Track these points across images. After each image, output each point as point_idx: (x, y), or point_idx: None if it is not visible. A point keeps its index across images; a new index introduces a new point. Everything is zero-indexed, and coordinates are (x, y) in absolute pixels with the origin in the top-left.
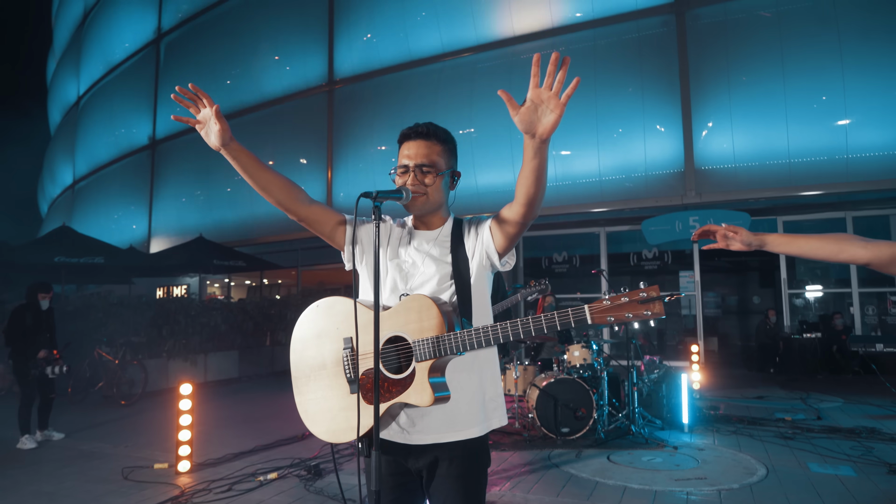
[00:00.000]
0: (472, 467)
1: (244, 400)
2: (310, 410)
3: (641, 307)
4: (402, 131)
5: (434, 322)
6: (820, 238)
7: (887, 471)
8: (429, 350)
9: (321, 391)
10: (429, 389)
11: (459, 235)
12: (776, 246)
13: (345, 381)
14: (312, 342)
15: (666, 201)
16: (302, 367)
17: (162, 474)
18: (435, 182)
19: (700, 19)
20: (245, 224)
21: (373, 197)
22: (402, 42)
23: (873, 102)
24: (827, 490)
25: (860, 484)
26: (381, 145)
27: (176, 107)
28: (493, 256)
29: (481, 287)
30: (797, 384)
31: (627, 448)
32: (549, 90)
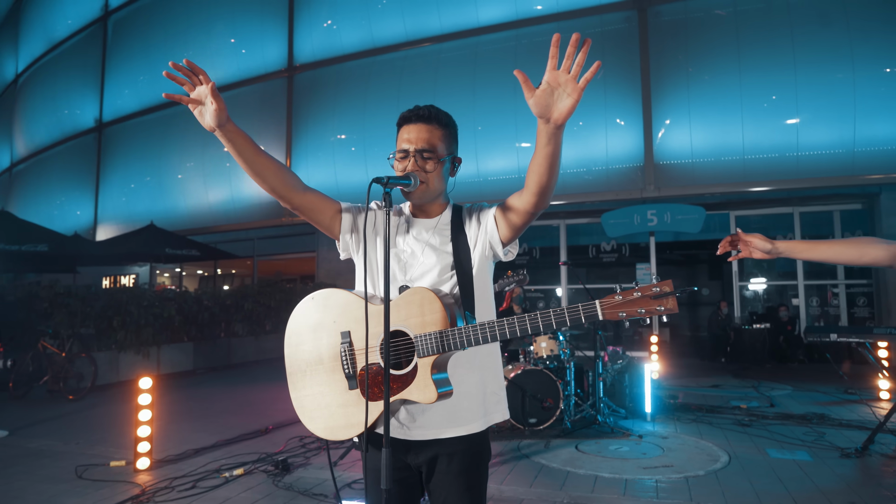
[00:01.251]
0: (472, 462)
1: (201, 394)
2: (306, 407)
3: (654, 302)
4: (402, 114)
5: (437, 316)
6: (841, 243)
7: (840, 455)
8: (432, 345)
9: (318, 387)
10: (432, 386)
11: (459, 223)
12: (797, 253)
13: (343, 376)
14: (308, 335)
15: (626, 195)
16: (297, 361)
17: (119, 472)
18: (436, 169)
19: (661, 16)
20: (198, 212)
21: (384, 183)
22: (364, 29)
23: (822, 102)
24: (787, 475)
25: (817, 468)
26: (341, 133)
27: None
28: (497, 246)
29: (483, 277)
30: (748, 373)
31: (594, 437)
32: (568, 73)
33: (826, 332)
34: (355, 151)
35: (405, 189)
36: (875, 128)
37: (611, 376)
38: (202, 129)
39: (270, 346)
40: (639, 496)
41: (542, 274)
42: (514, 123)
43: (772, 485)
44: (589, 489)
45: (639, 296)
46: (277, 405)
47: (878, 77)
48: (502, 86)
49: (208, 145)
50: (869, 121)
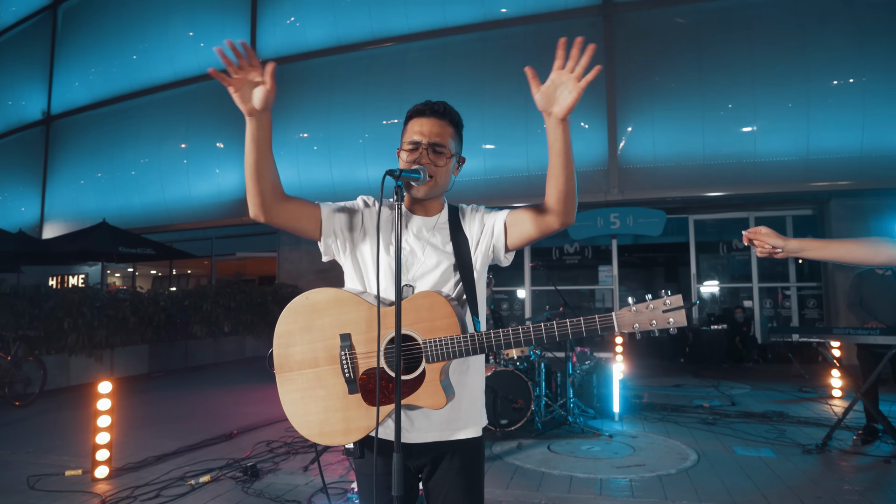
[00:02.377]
0: (472, 462)
1: (159, 398)
2: (297, 411)
3: (665, 316)
4: (415, 107)
5: (448, 322)
6: (854, 243)
7: (802, 451)
8: (442, 351)
9: (311, 390)
10: (442, 392)
11: (457, 222)
12: (809, 251)
13: (342, 380)
14: (301, 336)
15: (591, 197)
16: (288, 363)
17: (76, 482)
18: (446, 164)
19: (626, 23)
20: (153, 210)
21: (396, 176)
22: (330, 26)
23: (779, 111)
24: (754, 471)
25: (781, 464)
26: (305, 132)
27: (74, 80)
28: (500, 252)
29: (482, 279)
30: (707, 372)
31: (566, 438)
32: (571, 72)
33: (788, 333)
34: (318, 150)
35: (413, 182)
36: (827, 137)
37: (579, 377)
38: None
39: (230, 348)
40: (615, 496)
41: (504, 275)
42: (480, 124)
43: (741, 482)
44: (565, 489)
45: (651, 309)
46: (241, 409)
47: (830, 88)
48: (469, 87)
49: (164, 141)
50: (821, 130)
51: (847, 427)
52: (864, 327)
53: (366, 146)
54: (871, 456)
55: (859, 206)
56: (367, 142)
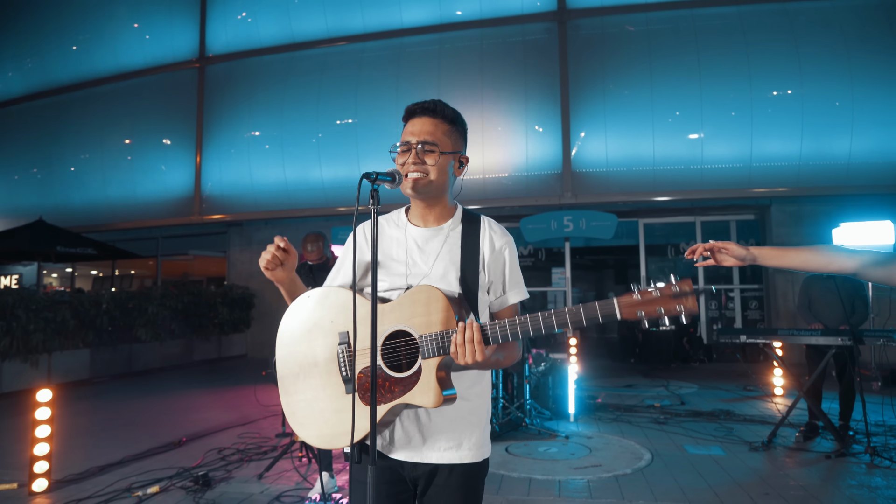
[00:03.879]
0: (472, 478)
1: (101, 404)
2: (298, 413)
3: (674, 302)
4: (408, 107)
5: (443, 315)
6: (809, 251)
7: (748, 448)
8: (437, 346)
9: (312, 391)
10: (436, 389)
11: (474, 234)
12: (767, 259)
13: (339, 380)
14: (303, 337)
15: (545, 201)
16: (290, 364)
17: (10, 497)
18: (437, 162)
19: (580, 30)
20: (95, 208)
21: (372, 179)
22: (283, 23)
23: (723, 119)
24: (705, 469)
25: (730, 461)
26: (257, 130)
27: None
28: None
29: (484, 289)
30: (657, 373)
31: (523, 439)
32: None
33: (736, 334)
34: (271, 149)
35: (387, 186)
36: (768, 145)
37: (535, 378)
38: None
39: (177, 351)
40: (573, 497)
41: None
42: None
43: (694, 480)
44: (524, 492)
45: (657, 295)
46: (189, 415)
47: (770, 98)
48: (425, 88)
49: (107, 136)
50: (763, 138)
51: (790, 424)
52: (809, 328)
53: (320, 146)
54: (814, 452)
55: (797, 213)
56: (320, 141)
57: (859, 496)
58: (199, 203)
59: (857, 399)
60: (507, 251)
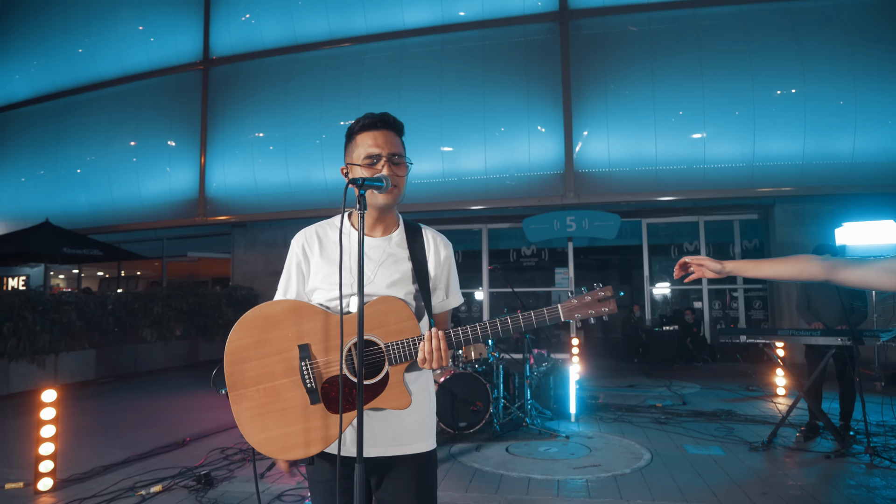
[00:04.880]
0: (423, 469)
1: (106, 405)
2: (255, 429)
3: (600, 305)
4: (362, 121)
5: (408, 325)
6: (783, 262)
7: (748, 448)
8: (403, 353)
9: (269, 405)
10: (407, 393)
11: (419, 242)
12: (745, 271)
13: (302, 391)
14: (255, 351)
15: (547, 201)
16: (243, 379)
17: (16, 496)
18: (405, 174)
19: (582, 30)
20: (101, 209)
21: (359, 185)
22: (286, 25)
23: (726, 118)
24: (704, 469)
25: (730, 461)
26: (261, 131)
27: (14, 73)
28: None
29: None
30: (660, 373)
31: (523, 439)
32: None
33: (737, 334)
34: (275, 150)
35: (377, 191)
36: (771, 144)
37: (537, 378)
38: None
39: (182, 352)
40: (571, 496)
41: (463, 277)
42: (438, 126)
43: (692, 479)
44: (523, 491)
45: (589, 300)
46: (193, 415)
47: (773, 97)
48: (428, 89)
49: (113, 138)
50: (766, 138)
51: (790, 424)
52: (809, 328)
53: (323, 147)
54: (814, 452)
55: (801, 212)
56: (324, 142)
57: (857, 496)
58: (204, 204)
59: (858, 399)
60: (451, 260)
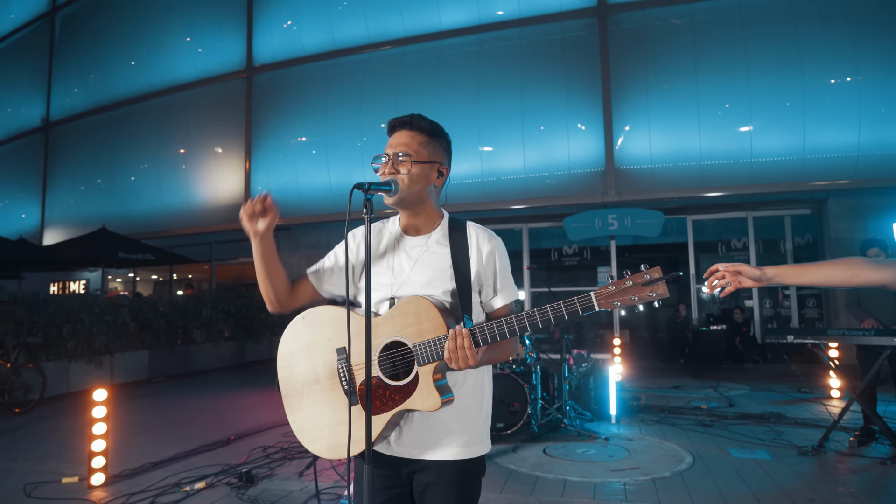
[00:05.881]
0: (466, 475)
1: (158, 403)
2: (306, 428)
3: (646, 289)
4: (389, 122)
5: (434, 323)
6: (831, 265)
7: (797, 453)
8: (431, 353)
9: (317, 407)
10: (435, 393)
11: (463, 241)
12: (786, 278)
13: (342, 393)
14: (302, 356)
15: (587, 199)
16: (293, 383)
17: (72, 489)
18: (410, 171)
19: (621, 24)
20: (152, 215)
21: (365, 189)
22: (326, 31)
23: (774, 111)
24: (748, 474)
25: (776, 466)
26: (302, 136)
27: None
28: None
29: (476, 298)
30: (707, 374)
31: (561, 441)
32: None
33: (784, 334)
34: (316, 154)
35: (386, 195)
36: (823, 136)
37: (576, 379)
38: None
39: (229, 352)
40: (608, 499)
41: None
42: (476, 127)
43: (735, 484)
44: (559, 493)
45: (630, 284)
46: (239, 414)
47: (825, 87)
48: (465, 89)
49: (163, 147)
50: (818, 129)
51: (844, 428)
52: (861, 328)
53: (363, 149)
54: (868, 458)
55: (857, 206)
56: (365, 145)
57: None
58: None
59: None
60: (497, 255)
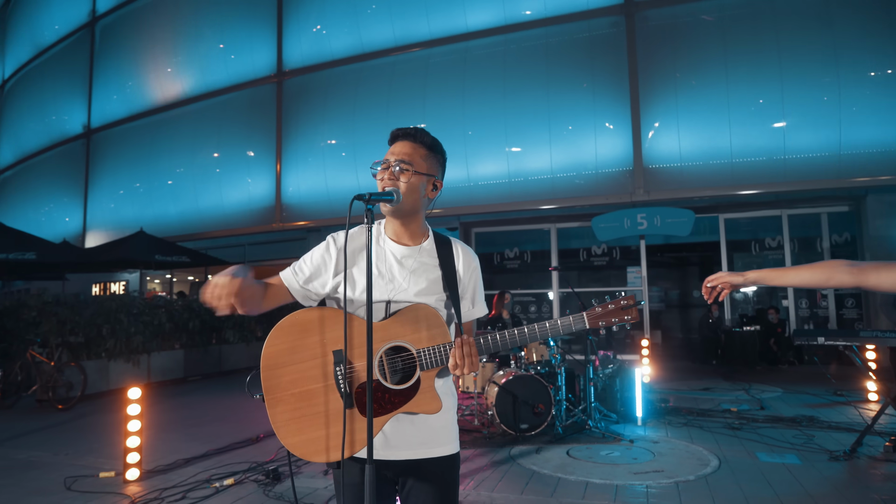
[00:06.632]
0: (446, 477)
1: (192, 401)
2: (292, 431)
3: (623, 312)
4: (392, 132)
5: (439, 331)
6: (809, 269)
7: (828, 457)
8: (435, 358)
9: (306, 408)
10: (438, 398)
11: (448, 253)
12: (769, 280)
13: (337, 395)
14: (290, 357)
15: (616, 199)
16: (279, 383)
17: (108, 483)
18: (410, 182)
19: (648, 21)
20: (188, 218)
21: (365, 199)
22: (353, 34)
23: (808, 106)
24: (776, 478)
25: (805, 471)
26: (331, 139)
27: (112, 94)
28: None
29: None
30: (739, 375)
31: (585, 443)
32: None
33: (814, 336)
34: (346, 157)
35: (389, 204)
36: (860, 131)
37: (602, 381)
38: (191, 135)
39: (261, 352)
40: (629, 501)
41: (534, 278)
42: (503, 127)
43: (761, 489)
44: (580, 495)
45: (612, 308)
46: None
47: (862, 81)
48: (492, 90)
49: (198, 151)
50: (854, 124)
51: (879, 433)
52: (894, 329)
53: None
54: None
55: None
56: None
57: None
58: (280, 211)
59: None
60: (478, 272)
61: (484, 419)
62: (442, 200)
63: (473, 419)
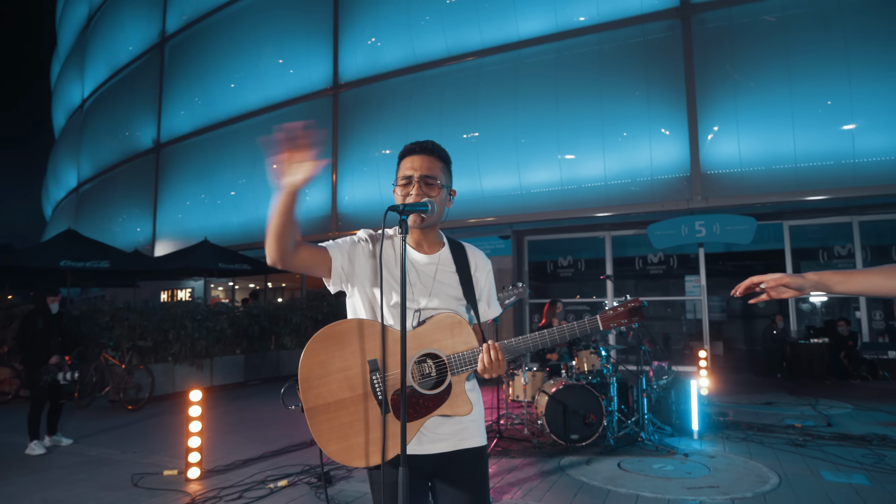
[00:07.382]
0: (477, 467)
1: (251, 405)
2: (335, 438)
3: (631, 315)
4: (406, 147)
5: (467, 337)
6: (880, 273)
7: None
8: (464, 363)
9: (347, 417)
10: (469, 400)
11: (463, 259)
12: (834, 285)
13: (374, 402)
14: (328, 367)
15: (672, 206)
16: (319, 393)
17: (171, 481)
18: (438, 195)
19: (706, 23)
20: (249, 227)
21: (400, 210)
22: (407, 46)
23: (880, 107)
24: (840, 499)
25: (874, 493)
26: (385, 149)
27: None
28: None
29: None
30: (805, 390)
31: (638, 455)
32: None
33: (884, 349)
34: None
35: (423, 214)
36: None
37: (656, 392)
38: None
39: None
40: None
41: (588, 286)
42: (556, 135)
43: None
44: None
45: (622, 310)
46: None
47: None
48: (544, 98)
49: (258, 162)
50: None
51: None
52: None
53: None
54: None
55: None
56: None
57: None
58: (336, 220)
59: None
60: (491, 274)
61: (534, 428)
62: (494, 208)
63: (523, 428)
